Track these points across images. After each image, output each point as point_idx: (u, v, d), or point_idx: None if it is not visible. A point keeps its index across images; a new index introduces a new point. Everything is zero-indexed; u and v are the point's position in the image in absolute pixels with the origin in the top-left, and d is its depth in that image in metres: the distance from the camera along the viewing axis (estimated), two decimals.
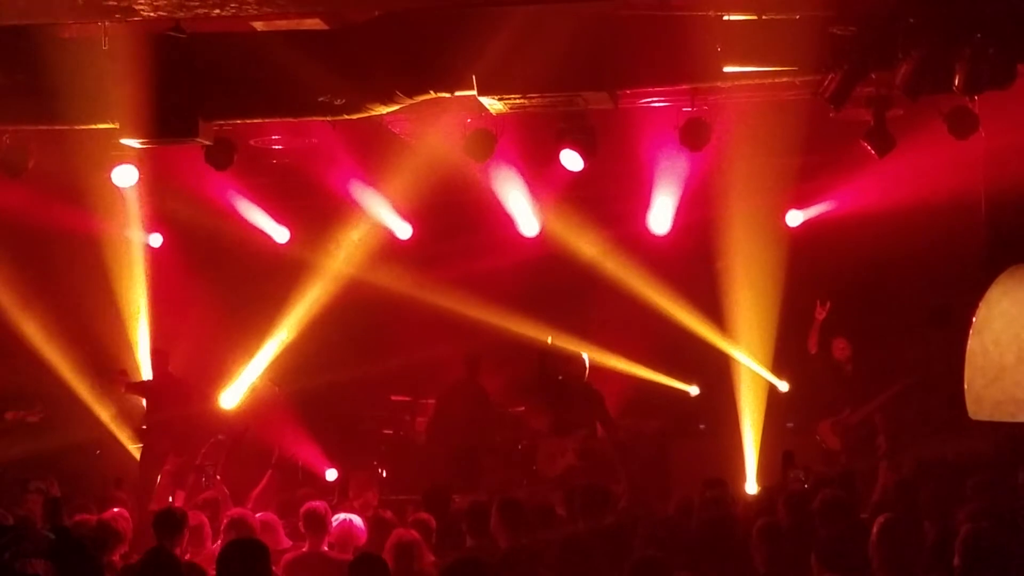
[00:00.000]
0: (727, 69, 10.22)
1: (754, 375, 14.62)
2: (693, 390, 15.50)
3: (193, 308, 15.53)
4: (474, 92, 10.48)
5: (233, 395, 14.66)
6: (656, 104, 12.04)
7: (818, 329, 13.86)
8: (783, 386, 14.61)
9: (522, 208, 15.00)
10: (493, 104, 10.91)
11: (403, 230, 15.61)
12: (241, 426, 12.28)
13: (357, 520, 9.38)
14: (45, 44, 10.30)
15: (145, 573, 7.16)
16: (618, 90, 10.95)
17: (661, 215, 14.92)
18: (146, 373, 15.03)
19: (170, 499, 12.46)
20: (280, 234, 15.92)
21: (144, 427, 14.21)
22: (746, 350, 14.68)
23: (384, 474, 14.54)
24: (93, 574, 6.66)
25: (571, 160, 12.12)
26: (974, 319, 3.57)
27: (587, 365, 13.52)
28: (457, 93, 10.64)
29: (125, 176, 13.01)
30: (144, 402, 14.35)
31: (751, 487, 13.57)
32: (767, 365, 14.61)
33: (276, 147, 14.06)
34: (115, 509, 9.62)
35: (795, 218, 14.80)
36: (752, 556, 7.55)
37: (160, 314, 15.37)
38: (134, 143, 11.11)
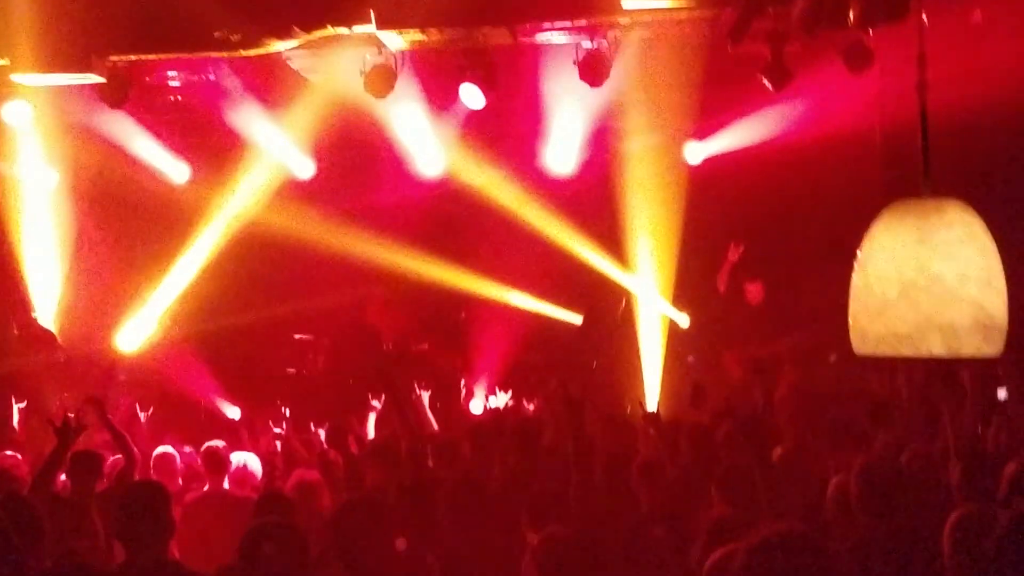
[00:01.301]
0: (627, 4, 10.23)
1: (655, 310, 14.71)
2: None
3: (91, 248, 15.28)
4: (372, 27, 10.38)
5: (131, 337, 14.50)
6: (556, 40, 11.99)
7: (728, 270, 14.02)
8: (684, 320, 14.70)
9: (425, 146, 14.92)
10: (392, 39, 10.82)
11: (305, 168, 15.46)
12: (107, 364, 11.98)
13: (253, 459, 9.35)
14: None
15: None
16: (517, 24, 10.90)
17: (562, 151, 14.92)
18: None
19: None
20: (179, 172, 15.67)
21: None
22: (647, 285, 14.74)
23: (288, 413, 14.47)
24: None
25: (471, 96, 12.06)
26: (858, 253, 3.61)
27: None
28: (355, 28, 10.55)
29: (17, 113, 12.66)
30: None
31: None
32: (668, 299, 14.69)
33: (173, 84, 13.84)
34: (8, 452, 9.48)
35: (695, 152, 14.80)
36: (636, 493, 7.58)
37: (57, 255, 15.09)
38: (26, 79, 10.89)
